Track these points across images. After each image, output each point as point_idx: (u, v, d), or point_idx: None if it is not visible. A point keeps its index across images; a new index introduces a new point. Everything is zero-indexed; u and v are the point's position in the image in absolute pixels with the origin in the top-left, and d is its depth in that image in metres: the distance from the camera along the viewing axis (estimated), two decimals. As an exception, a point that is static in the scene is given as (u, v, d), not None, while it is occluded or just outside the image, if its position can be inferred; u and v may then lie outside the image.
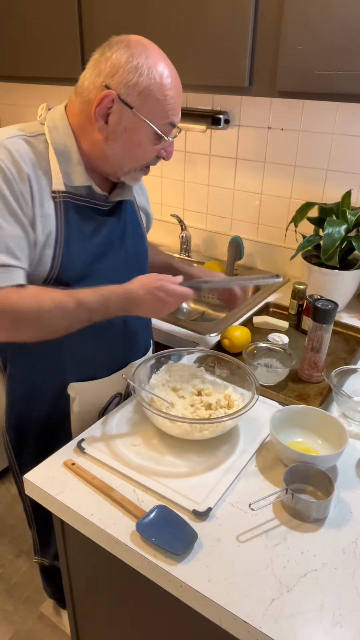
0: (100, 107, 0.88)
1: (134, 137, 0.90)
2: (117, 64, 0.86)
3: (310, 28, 1.13)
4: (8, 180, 0.86)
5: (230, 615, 0.68)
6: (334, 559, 0.75)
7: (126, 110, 0.88)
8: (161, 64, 0.87)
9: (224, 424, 0.94)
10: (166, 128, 0.91)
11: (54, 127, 0.93)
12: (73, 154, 0.93)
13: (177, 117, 0.92)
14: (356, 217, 1.42)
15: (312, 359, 1.17)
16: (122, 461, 0.91)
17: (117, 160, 0.93)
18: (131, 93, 0.86)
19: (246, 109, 1.68)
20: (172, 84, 0.88)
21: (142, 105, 0.87)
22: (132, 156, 0.93)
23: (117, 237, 1.04)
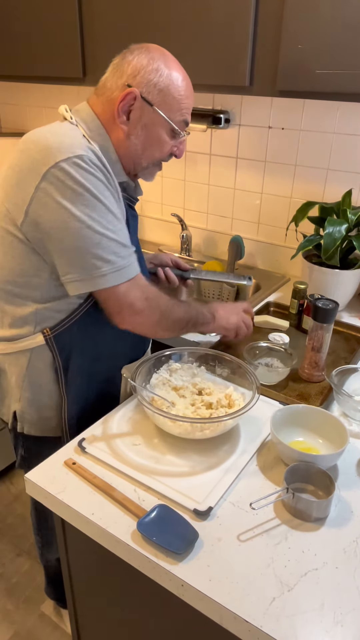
0: (123, 103, 0.95)
1: (153, 132, 0.98)
2: (139, 66, 0.94)
3: (311, 27, 1.13)
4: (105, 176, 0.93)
5: (231, 614, 0.68)
6: (335, 558, 0.75)
7: (147, 108, 0.95)
8: (177, 68, 0.97)
9: (225, 423, 0.94)
10: (181, 125, 1.00)
11: (90, 129, 0.97)
12: (112, 153, 0.99)
13: (189, 116, 1.01)
14: (357, 217, 1.41)
15: (312, 359, 1.17)
16: (123, 460, 0.91)
17: (137, 155, 1.00)
18: (152, 91, 0.95)
19: (247, 108, 1.68)
20: (186, 86, 0.98)
21: (161, 103, 0.96)
22: (150, 151, 1.00)
23: (136, 230, 1.12)
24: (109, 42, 1.48)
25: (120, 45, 1.44)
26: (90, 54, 1.56)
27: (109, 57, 1.50)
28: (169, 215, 1.95)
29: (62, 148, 0.88)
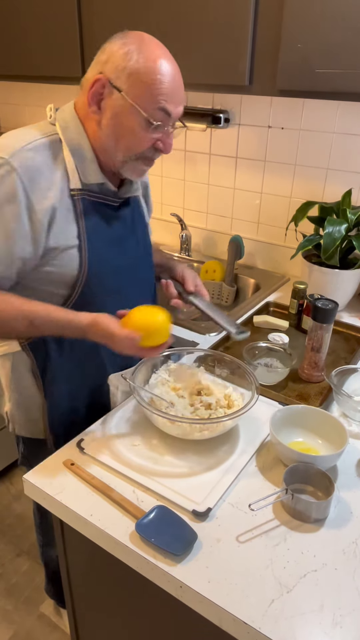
0: (92, 91, 0.90)
1: (125, 121, 0.90)
2: (110, 51, 0.89)
3: (311, 26, 1.13)
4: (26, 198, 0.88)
5: (230, 616, 0.68)
6: (334, 560, 0.75)
7: (116, 94, 0.88)
8: (155, 52, 0.88)
9: (224, 423, 0.93)
10: (157, 114, 0.89)
11: (66, 127, 0.95)
12: (86, 151, 0.95)
13: (171, 104, 0.90)
14: (356, 217, 1.41)
15: (312, 359, 1.17)
16: (121, 461, 0.91)
17: (111, 148, 0.94)
18: (120, 76, 0.87)
19: (246, 107, 1.68)
20: (165, 70, 0.87)
21: (130, 88, 0.87)
22: (124, 143, 0.92)
23: (129, 231, 1.06)
24: (108, 41, 1.48)
25: (120, 44, 1.44)
26: (90, 53, 1.55)
27: (108, 57, 1.50)
28: (169, 215, 1.95)
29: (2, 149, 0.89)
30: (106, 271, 1.00)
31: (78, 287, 0.97)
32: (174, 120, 0.93)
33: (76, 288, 0.97)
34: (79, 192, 0.95)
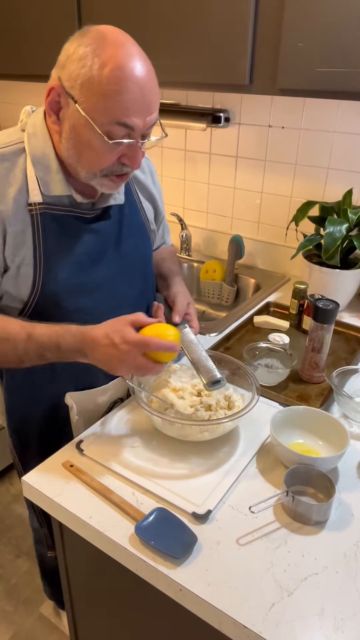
0: (49, 100, 0.82)
1: (82, 135, 0.80)
2: (67, 53, 0.79)
3: (312, 25, 1.12)
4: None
5: (230, 619, 0.67)
6: (335, 563, 0.75)
7: (72, 105, 0.79)
8: (115, 55, 0.75)
9: (224, 425, 0.93)
10: (115, 129, 0.78)
11: (34, 133, 0.88)
12: (51, 162, 0.87)
13: (134, 117, 0.77)
14: (357, 216, 1.41)
15: (313, 359, 1.16)
16: (121, 463, 0.90)
17: (74, 162, 0.85)
18: (74, 85, 0.77)
19: (247, 107, 1.67)
20: (125, 78, 0.75)
21: (84, 100, 0.77)
22: (85, 158, 0.83)
23: (110, 244, 0.99)
24: (108, 40, 1.47)
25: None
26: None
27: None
28: (169, 215, 1.94)
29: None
30: (66, 291, 0.92)
31: (30, 306, 0.92)
32: (143, 132, 0.82)
33: (28, 305, 0.92)
34: (40, 206, 0.87)
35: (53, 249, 0.90)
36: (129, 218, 1.04)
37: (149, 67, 0.79)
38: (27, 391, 1.06)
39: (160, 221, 1.21)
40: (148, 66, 0.79)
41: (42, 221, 0.88)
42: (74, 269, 0.93)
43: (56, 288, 0.92)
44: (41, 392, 1.05)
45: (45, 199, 0.88)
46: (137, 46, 0.79)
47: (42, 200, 0.88)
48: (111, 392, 1.09)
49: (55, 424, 1.08)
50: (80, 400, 1.05)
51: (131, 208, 1.05)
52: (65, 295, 0.93)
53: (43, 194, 0.88)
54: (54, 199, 0.89)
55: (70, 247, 0.92)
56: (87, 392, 1.05)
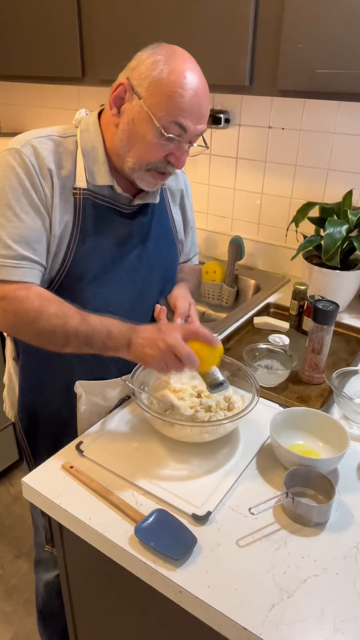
0: (115, 95, 0.91)
1: (139, 129, 0.90)
2: (140, 59, 0.90)
3: (312, 26, 1.12)
4: (30, 173, 0.90)
5: (229, 621, 0.67)
6: (335, 564, 0.75)
7: (136, 101, 0.89)
8: (183, 66, 0.87)
9: (224, 426, 0.93)
10: (170, 126, 0.88)
11: (86, 130, 0.97)
12: (99, 154, 0.96)
13: (188, 120, 0.89)
14: (357, 217, 1.41)
15: (313, 361, 1.16)
16: (120, 464, 0.90)
17: (124, 152, 0.94)
18: (142, 84, 0.88)
19: (247, 108, 1.67)
20: (187, 85, 0.87)
21: (149, 97, 0.88)
22: (137, 150, 0.92)
23: (138, 241, 1.04)
24: (108, 42, 1.47)
25: (119, 44, 1.44)
26: (90, 54, 1.55)
27: (108, 57, 1.50)
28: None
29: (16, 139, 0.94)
30: (91, 275, 0.98)
31: (55, 284, 0.97)
32: (191, 137, 0.92)
33: (53, 283, 0.98)
34: (84, 191, 0.96)
35: (88, 233, 0.97)
36: (158, 221, 1.10)
37: (205, 84, 0.91)
38: (41, 373, 1.08)
39: (188, 233, 1.24)
40: (205, 84, 0.91)
41: (83, 205, 0.96)
42: (102, 256, 0.99)
43: (82, 270, 0.97)
44: (54, 376, 1.07)
45: (89, 186, 0.96)
46: (199, 67, 0.92)
47: (87, 187, 0.96)
48: (121, 388, 1.10)
49: (64, 414, 1.10)
50: (88, 390, 1.06)
51: (162, 213, 1.11)
52: (90, 280, 0.98)
53: (88, 182, 0.96)
54: (96, 188, 0.97)
55: (103, 235, 0.99)
56: (97, 382, 1.07)
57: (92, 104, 2.01)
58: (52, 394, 1.09)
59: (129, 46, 0.92)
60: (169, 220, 1.14)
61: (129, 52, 0.92)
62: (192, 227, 1.24)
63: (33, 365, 1.09)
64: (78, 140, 0.96)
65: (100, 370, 1.07)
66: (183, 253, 1.25)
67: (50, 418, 1.12)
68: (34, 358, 1.07)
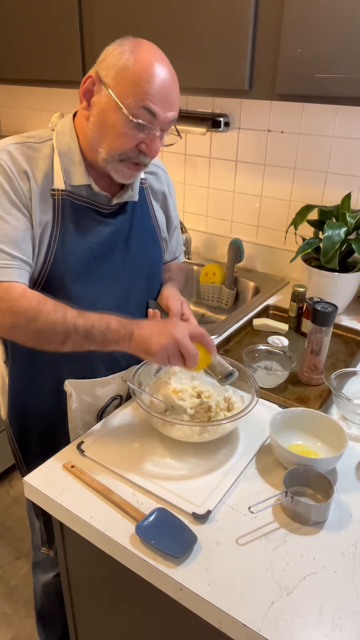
0: (84, 88, 0.93)
1: (109, 118, 0.91)
2: (107, 52, 0.92)
3: (311, 31, 1.13)
4: (8, 176, 0.92)
5: (229, 618, 0.68)
6: (334, 562, 0.75)
7: (104, 91, 0.90)
8: (148, 54, 0.89)
9: (224, 426, 0.94)
10: (139, 112, 0.89)
11: (62, 132, 0.99)
12: (75, 154, 0.97)
13: (157, 106, 0.89)
14: (356, 220, 1.42)
15: (312, 362, 1.17)
16: (121, 464, 0.91)
17: (96, 143, 0.95)
18: (109, 74, 0.89)
19: (246, 111, 1.69)
20: (154, 71, 0.88)
21: (116, 85, 0.89)
22: (107, 140, 0.93)
23: (120, 239, 1.05)
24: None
25: (120, 48, 1.45)
26: (91, 57, 1.56)
27: (108, 61, 1.51)
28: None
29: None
30: (73, 275, 0.98)
31: (38, 285, 0.98)
32: (162, 125, 0.92)
33: (37, 284, 0.98)
34: (62, 192, 0.97)
35: (67, 234, 0.98)
36: (140, 220, 1.10)
37: (173, 73, 0.93)
38: (31, 375, 1.09)
39: (172, 231, 1.25)
40: (172, 72, 0.93)
41: (62, 206, 0.97)
42: (84, 256, 1.00)
43: (64, 270, 0.98)
44: (44, 378, 1.08)
45: (67, 187, 0.97)
46: (166, 58, 0.93)
47: (64, 187, 0.97)
48: (111, 387, 1.10)
49: (55, 414, 1.10)
50: (78, 388, 1.07)
51: (143, 212, 1.11)
52: (72, 279, 0.99)
53: (66, 183, 0.97)
54: (75, 189, 0.98)
55: (83, 235, 1.00)
56: (86, 381, 1.07)
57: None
58: (42, 395, 1.10)
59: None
60: (152, 218, 1.14)
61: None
62: (176, 227, 1.25)
63: (22, 368, 1.09)
64: (54, 143, 0.98)
65: (89, 369, 1.07)
66: (168, 251, 1.25)
67: (40, 420, 1.12)
68: (23, 361, 1.07)
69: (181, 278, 1.27)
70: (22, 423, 1.14)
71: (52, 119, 1.03)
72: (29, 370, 1.08)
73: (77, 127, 0.99)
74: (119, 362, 1.10)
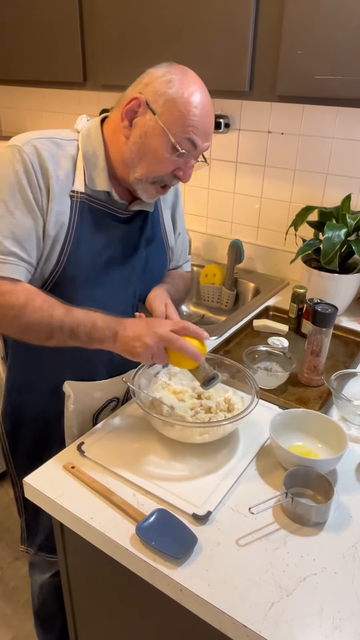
0: (128, 108, 0.93)
1: (152, 142, 0.93)
2: (153, 76, 0.93)
3: (311, 33, 1.14)
4: (29, 171, 0.91)
5: (229, 619, 0.68)
6: (334, 563, 0.75)
7: (150, 116, 0.92)
8: (194, 87, 0.92)
9: (224, 427, 0.94)
10: (183, 142, 0.93)
11: (88, 135, 0.99)
12: (100, 160, 0.98)
13: (198, 137, 0.94)
14: (356, 221, 1.42)
15: (312, 363, 1.17)
16: (121, 464, 0.91)
17: (133, 163, 0.96)
18: (158, 100, 0.91)
19: (246, 113, 1.69)
20: (199, 105, 0.92)
21: (164, 113, 0.91)
22: (146, 162, 0.95)
23: (131, 246, 1.06)
24: (110, 47, 1.49)
25: (121, 50, 1.45)
26: (91, 59, 1.57)
27: (109, 62, 1.52)
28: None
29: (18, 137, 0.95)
30: (84, 277, 0.99)
31: (48, 284, 0.98)
32: (199, 154, 0.97)
33: (47, 283, 0.98)
34: (81, 194, 0.97)
35: (83, 236, 0.98)
36: (151, 227, 1.11)
37: (211, 104, 0.97)
38: (30, 373, 1.09)
39: (177, 239, 1.24)
40: (211, 103, 0.97)
41: (80, 208, 0.98)
42: (96, 259, 1.00)
43: (76, 272, 0.98)
44: (42, 376, 1.08)
45: (87, 190, 0.98)
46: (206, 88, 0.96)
47: (84, 190, 0.98)
48: (109, 390, 1.11)
49: (50, 414, 1.10)
50: (77, 390, 1.07)
51: (154, 220, 1.13)
52: (83, 282, 0.99)
53: (86, 186, 0.98)
54: (94, 193, 0.99)
55: (97, 238, 1.00)
56: (86, 383, 1.07)
57: (93, 108, 2.03)
58: (38, 394, 1.10)
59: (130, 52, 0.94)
60: (161, 226, 1.15)
61: (131, 58, 0.94)
62: (180, 234, 1.25)
63: (22, 366, 1.10)
64: (79, 145, 0.98)
65: (90, 371, 1.08)
66: (172, 259, 1.25)
67: (33, 418, 1.13)
68: (23, 358, 1.08)
69: (179, 284, 1.26)
70: (15, 420, 1.14)
71: (78, 121, 1.03)
72: (28, 369, 1.09)
73: (108, 136, 0.99)
74: (120, 366, 1.10)
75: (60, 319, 0.90)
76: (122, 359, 1.06)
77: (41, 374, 1.08)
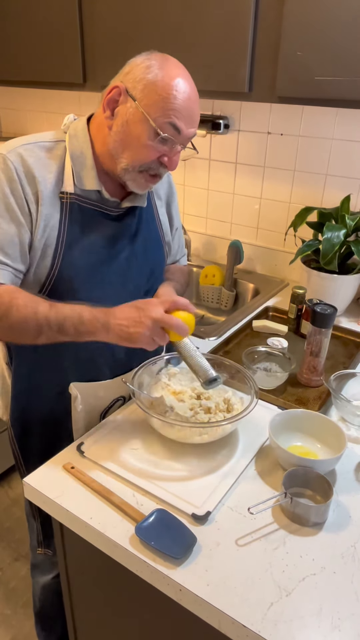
0: (109, 97, 0.93)
1: (134, 129, 0.92)
2: (134, 64, 0.92)
3: (310, 34, 1.14)
4: (12, 179, 0.92)
5: (229, 619, 0.68)
6: (333, 563, 0.76)
7: (130, 103, 0.91)
8: (175, 71, 0.91)
9: (223, 427, 0.94)
10: (165, 127, 0.91)
11: (75, 135, 0.99)
12: (87, 159, 0.97)
13: (182, 122, 0.92)
14: (355, 222, 1.42)
15: (311, 363, 1.17)
16: (121, 465, 0.91)
17: (117, 153, 0.95)
18: (137, 86, 0.90)
19: (246, 114, 1.69)
20: (181, 88, 0.90)
21: (143, 98, 0.90)
22: (130, 150, 0.94)
23: (126, 243, 1.05)
24: (110, 48, 1.49)
25: (121, 50, 1.46)
26: (91, 59, 1.57)
27: (109, 63, 1.52)
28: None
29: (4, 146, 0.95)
30: (81, 278, 0.99)
31: (46, 288, 0.98)
32: (184, 140, 0.95)
33: (44, 287, 0.98)
34: (70, 195, 0.97)
35: (75, 237, 0.98)
36: (146, 223, 1.10)
37: (196, 92, 0.95)
38: (35, 377, 1.09)
39: (174, 234, 1.24)
40: (196, 91, 0.95)
41: (70, 209, 0.97)
42: (91, 259, 1.00)
43: (72, 273, 0.98)
44: (48, 380, 1.08)
45: (77, 190, 0.98)
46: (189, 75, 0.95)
47: (74, 191, 0.97)
48: (114, 389, 1.11)
49: (57, 416, 1.10)
50: (83, 391, 1.07)
51: (149, 215, 1.12)
52: (80, 283, 0.99)
53: (75, 187, 0.97)
54: (84, 192, 0.98)
55: (91, 238, 1.00)
56: (91, 384, 1.07)
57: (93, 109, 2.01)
58: (45, 397, 1.10)
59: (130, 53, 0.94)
60: (156, 221, 1.15)
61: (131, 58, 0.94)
62: (177, 229, 1.25)
63: (26, 370, 1.09)
64: (67, 145, 0.98)
65: (94, 372, 1.08)
66: (170, 255, 1.25)
67: (42, 421, 1.13)
68: (27, 362, 1.08)
69: (181, 279, 1.27)
70: (24, 424, 1.14)
71: (65, 121, 1.02)
72: (33, 372, 1.09)
73: (93, 132, 0.99)
74: (124, 365, 1.10)
75: (45, 314, 0.90)
76: (126, 358, 1.07)
77: (46, 377, 1.08)
